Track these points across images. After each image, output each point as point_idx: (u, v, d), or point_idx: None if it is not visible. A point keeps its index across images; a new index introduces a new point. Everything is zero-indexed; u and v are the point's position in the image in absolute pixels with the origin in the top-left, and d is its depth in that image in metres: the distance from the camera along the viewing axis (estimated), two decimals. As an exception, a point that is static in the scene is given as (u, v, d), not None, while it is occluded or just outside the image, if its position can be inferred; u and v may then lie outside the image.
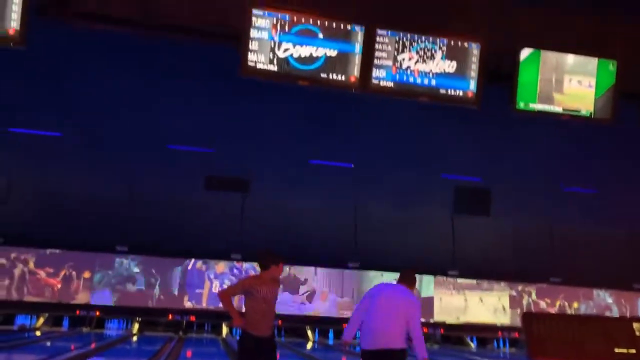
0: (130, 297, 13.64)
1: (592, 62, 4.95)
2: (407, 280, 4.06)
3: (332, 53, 4.56)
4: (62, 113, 8.09)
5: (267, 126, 8.51)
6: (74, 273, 13.49)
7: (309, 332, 14.32)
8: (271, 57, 4.50)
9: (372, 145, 9.15)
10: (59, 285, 13.33)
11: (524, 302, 15.79)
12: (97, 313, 13.38)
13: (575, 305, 16.00)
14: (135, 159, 9.50)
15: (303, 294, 14.57)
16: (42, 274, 13.41)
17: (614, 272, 15.11)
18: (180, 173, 9.85)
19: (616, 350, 1.27)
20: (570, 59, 4.94)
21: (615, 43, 5.20)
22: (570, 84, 4.93)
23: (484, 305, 15.59)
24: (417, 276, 4.22)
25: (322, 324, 14.66)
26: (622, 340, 1.29)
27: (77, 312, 13.22)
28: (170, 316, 13.55)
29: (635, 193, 10.00)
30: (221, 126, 8.47)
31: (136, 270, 13.82)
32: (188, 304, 13.52)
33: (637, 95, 5.15)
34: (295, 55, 4.51)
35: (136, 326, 13.53)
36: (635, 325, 1.29)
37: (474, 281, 15.50)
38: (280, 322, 14.09)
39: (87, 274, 13.53)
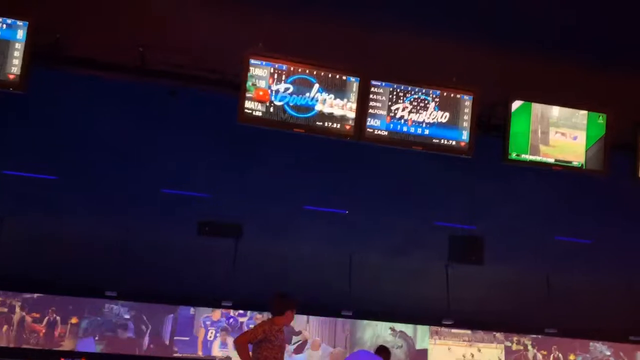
0: (119, 345, 13.32)
1: (582, 115, 5.04)
2: (385, 356, 4.20)
3: (328, 102, 4.64)
4: (57, 157, 8.11)
5: (262, 172, 8.54)
6: (58, 318, 13.20)
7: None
8: (268, 105, 4.57)
9: (366, 192, 9.17)
10: (44, 331, 13.03)
11: (520, 353, 15.52)
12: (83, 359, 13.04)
13: (572, 357, 15.74)
14: (128, 203, 9.46)
15: (294, 344, 14.28)
16: (28, 319, 13.12)
17: (611, 323, 14.94)
18: (173, 218, 9.79)
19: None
20: (561, 111, 5.04)
21: (605, 96, 5.33)
22: (561, 136, 5.01)
23: (480, 356, 15.30)
24: (413, 326, 4.30)
25: (314, 374, 14.29)
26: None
27: (62, 359, 12.88)
28: (155, 365, 13.20)
29: (629, 243, 10.00)
30: (216, 172, 8.50)
31: (126, 316, 13.56)
32: (177, 353, 13.24)
33: (628, 146, 5.23)
34: (292, 104, 4.58)
35: (123, 376, 13.15)
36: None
37: (468, 331, 15.26)
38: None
39: (74, 320, 13.25)
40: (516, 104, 4.99)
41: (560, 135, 4.99)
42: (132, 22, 4.99)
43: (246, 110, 4.56)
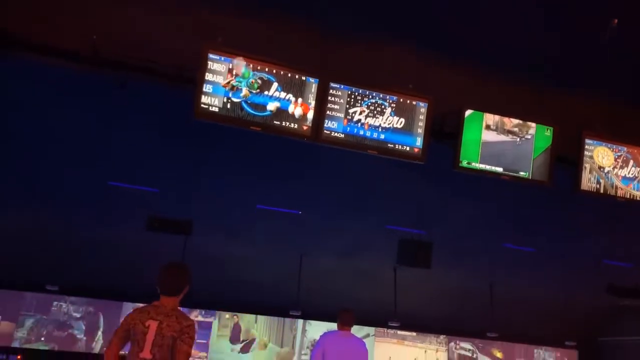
0: (60, 342, 12.88)
1: (531, 127, 5.23)
2: (350, 323, 4.16)
3: (286, 102, 4.63)
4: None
5: (215, 168, 8.43)
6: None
7: (246, 384, 13.86)
8: (225, 101, 4.52)
9: (320, 194, 9.19)
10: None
11: (464, 357, 15.94)
12: (19, 357, 12.54)
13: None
14: (73, 195, 9.14)
15: (241, 342, 14.18)
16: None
17: (549, 329, 15.56)
18: (121, 212, 9.53)
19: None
20: (511, 122, 5.21)
21: (552, 111, 5.54)
22: (509, 146, 5.18)
23: (424, 358, 15.61)
24: (361, 328, 4.30)
25: (260, 374, 14.23)
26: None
27: (-4, 355, 12.34)
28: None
29: (570, 253, 10.42)
30: (167, 167, 8.32)
31: (73, 314, 13.14)
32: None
33: (572, 160, 5.46)
34: (249, 101, 4.54)
35: (61, 372, 12.73)
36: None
37: (414, 334, 15.56)
38: (216, 371, 13.61)
39: (13, 316, 12.73)
40: (469, 113, 5.12)
41: (509, 145, 5.15)
42: (83, 9, 4.83)
43: (202, 106, 4.49)
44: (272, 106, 4.56)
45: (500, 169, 5.12)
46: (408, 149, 4.92)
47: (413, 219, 9.65)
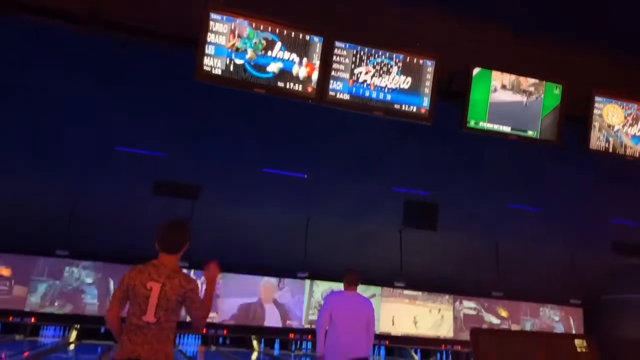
0: (72, 306, 13.14)
1: (540, 85, 5.14)
2: (356, 283, 4.21)
3: (290, 62, 4.55)
4: (2, 110, 7.70)
5: (221, 133, 8.39)
6: (11, 278, 12.91)
7: (255, 342, 14.17)
8: (227, 62, 4.45)
9: (326, 157, 9.17)
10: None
11: (468, 316, 16.18)
12: (32, 320, 12.82)
13: (520, 321, 16.54)
14: (81, 161, 9.16)
15: (250, 303, 14.43)
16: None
17: (555, 288, 15.71)
18: (128, 177, 9.56)
19: (558, 366, 1.30)
20: (519, 80, 5.12)
21: (562, 68, 5.44)
22: (518, 105, 5.10)
23: (429, 318, 15.86)
24: (367, 289, 4.35)
25: (268, 334, 14.53)
26: (564, 356, 1.32)
27: (10, 318, 12.61)
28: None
29: (575, 214, 10.42)
30: (173, 131, 8.29)
31: (85, 279, 13.36)
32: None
33: (581, 118, 5.38)
34: (252, 63, 4.47)
35: (74, 334, 13.04)
36: (576, 342, 1.32)
37: (419, 293, 15.77)
38: (225, 331, 13.90)
39: (25, 280, 12.96)
40: (476, 71, 5.03)
41: (517, 104, 5.08)
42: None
43: (205, 68, 4.43)
44: (275, 67, 4.49)
45: (508, 129, 5.06)
46: (415, 109, 4.85)
47: (419, 180, 9.63)
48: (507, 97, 5.07)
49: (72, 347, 11.59)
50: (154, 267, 2.72)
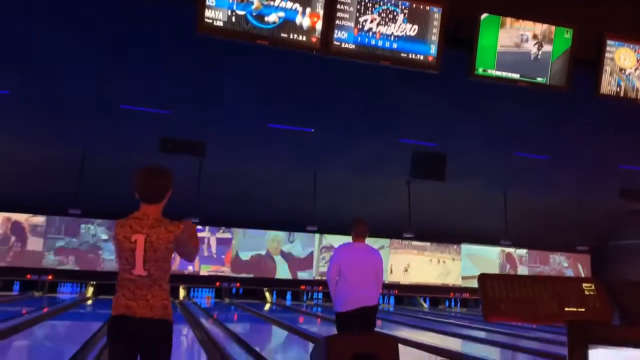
0: (85, 261, 13.42)
1: (550, 30, 5.01)
2: (364, 233, 4.23)
3: (293, 12, 4.45)
4: (10, 70, 7.65)
5: (226, 88, 8.32)
6: (25, 237, 13.16)
7: (267, 294, 14.49)
8: (229, 14, 4.36)
9: (332, 110, 9.10)
10: (11, 249, 13.00)
11: (476, 264, 16.39)
12: (50, 277, 13.14)
13: (529, 268, 16.75)
14: (86, 119, 9.16)
15: (261, 256, 14.66)
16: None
17: (563, 235, 15.82)
18: (134, 135, 9.57)
19: (566, 309, 1.32)
20: (529, 25, 4.99)
21: (573, 11, 5.28)
22: (526, 51, 4.99)
23: (437, 267, 16.10)
24: (376, 241, 4.38)
25: (280, 286, 14.85)
26: (572, 299, 1.33)
27: (28, 275, 12.93)
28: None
29: (583, 161, 10.37)
30: (178, 88, 8.23)
31: (100, 235, 13.59)
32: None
33: (591, 62, 5.27)
34: (255, 14, 4.37)
35: (90, 290, 13.38)
36: (584, 285, 1.34)
37: (427, 244, 15.96)
38: (238, 284, 14.21)
39: (39, 237, 13.21)
40: (484, 17, 4.90)
41: (526, 50, 4.97)
42: None
43: (206, 20, 4.34)
44: (278, 17, 4.39)
45: (517, 76, 4.96)
46: (422, 58, 4.76)
47: (426, 132, 9.57)
48: (516, 44, 4.95)
49: (89, 302, 11.91)
50: (135, 219, 2.56)
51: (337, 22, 4.49)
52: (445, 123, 9.30)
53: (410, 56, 4.73)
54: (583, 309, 1.33)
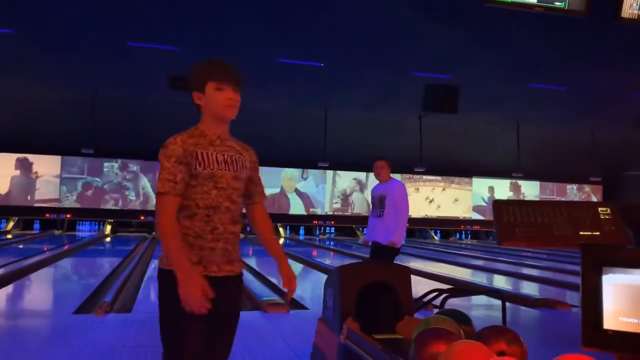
0: (99, 199, 13.66)
1: (570, -49, 4.78)
2: (379, 169, 4.22)
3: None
4: (14, 9, 7.50)
5: (233, 23, 8.11)
6: (42, 176, 13.37)
7: (280, 229, 14.77)
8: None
9: (341, 44, 8.88)
10: (28, 189, 13.25)
11: (488, 197, 16.46)
12: (69, 215, 13.44)
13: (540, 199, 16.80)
14: (94, 57, 9.04)
15: (275, 193, 14.83)
16: (7, 178, 13.22)
17: (576, 167, 15.75)
18: (142, 72, 9.47)
19: (581, 233, 1.32)
20: (548, -54, 4.76)
21: None
22: (546, -26, 4.79)
23: (448, 200, 16.21)
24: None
25: (293, 221, 15.09)
26: (587, 223, 1.34)
27: (47, 215, 13.24)
28: (142, 217, 13.73)
29: (602, 89, 10.14)
30: (185, 24, 8.04)
31: (118, 172, 13.76)
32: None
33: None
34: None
35: (108, 227, 13.71)
36: (600, 209, 1.34)
37: (439, 177, 16.00)
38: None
39: (55, 178, 13.41)
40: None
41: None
42: None
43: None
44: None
45: (534, 0, 4.79)
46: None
47: (438, 64, 9.35)
48: (534, -34, 4.74)
49: (108, 239, 12.23)
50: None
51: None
52: (459, 54, 9.06)
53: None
54: (598, 233, 1.34)
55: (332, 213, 15.36)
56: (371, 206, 4.31)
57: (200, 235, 1.60)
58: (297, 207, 15.18)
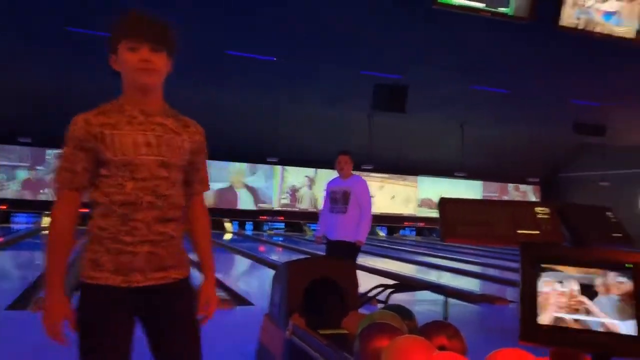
0: (40, 191, 13.11)
1: (515, -42, 4.93)
2: (339, 165, 4.22)
3: None
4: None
5: (177, 11, 7.92)
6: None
7: (227, 224, 14.61)
8: None
9: (293, 39, 8.84)
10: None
11: (431, 196, 16.85)
12: (4, 207, 12.85)
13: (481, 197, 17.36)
14: (31, 45, 8.64)
15: (223, 188, 14.64)
16: None
17: (516, 167, 16.37)
18: (83, 61, 9.12)
19: (521, 231, 1.37)
20: (495, -48, 4.89)
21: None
22: (492, -21, 4.92)
23: (395, 198, 16.50)
24: (334, 172, 4.36)
25: (241, 216, 14.97)
26: (527, 222, 1.39)
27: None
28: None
29: (544, 94, 10.54)
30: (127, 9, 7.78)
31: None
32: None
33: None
34: None
35: (46, 220, 13.16)
36: (536, 209, 1.39)
37: (386, 175, 16.26)
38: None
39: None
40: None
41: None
42: None
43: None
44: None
45: (481, 5, 4.91)
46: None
47: (388, 64, 9.46)
48: (482, -29, 4.87)
49: (45, 232, 11.75)
50: None
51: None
52: (407, 55, 9.20)
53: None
54: (537, 232, 1.38)
55: (279, 209, 15.34)
56: (330, 202, 4.15)
57: (116, 237, 1.31)
58: (245, 203, 15.06)
